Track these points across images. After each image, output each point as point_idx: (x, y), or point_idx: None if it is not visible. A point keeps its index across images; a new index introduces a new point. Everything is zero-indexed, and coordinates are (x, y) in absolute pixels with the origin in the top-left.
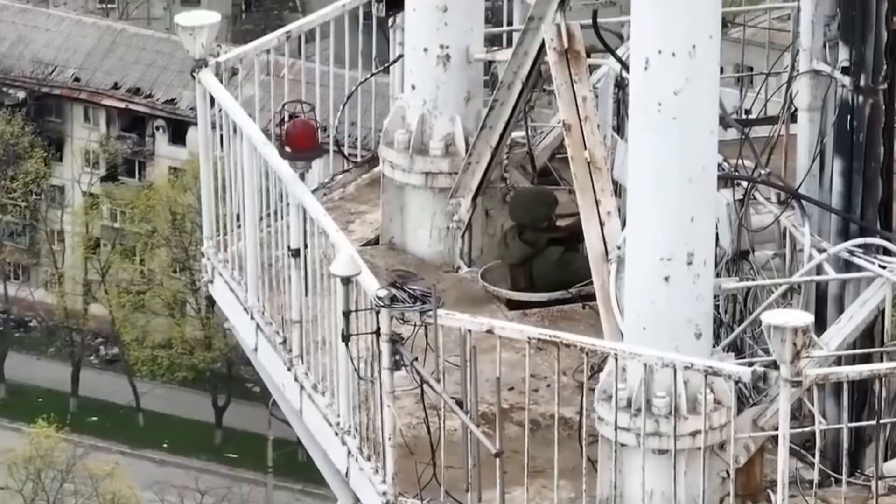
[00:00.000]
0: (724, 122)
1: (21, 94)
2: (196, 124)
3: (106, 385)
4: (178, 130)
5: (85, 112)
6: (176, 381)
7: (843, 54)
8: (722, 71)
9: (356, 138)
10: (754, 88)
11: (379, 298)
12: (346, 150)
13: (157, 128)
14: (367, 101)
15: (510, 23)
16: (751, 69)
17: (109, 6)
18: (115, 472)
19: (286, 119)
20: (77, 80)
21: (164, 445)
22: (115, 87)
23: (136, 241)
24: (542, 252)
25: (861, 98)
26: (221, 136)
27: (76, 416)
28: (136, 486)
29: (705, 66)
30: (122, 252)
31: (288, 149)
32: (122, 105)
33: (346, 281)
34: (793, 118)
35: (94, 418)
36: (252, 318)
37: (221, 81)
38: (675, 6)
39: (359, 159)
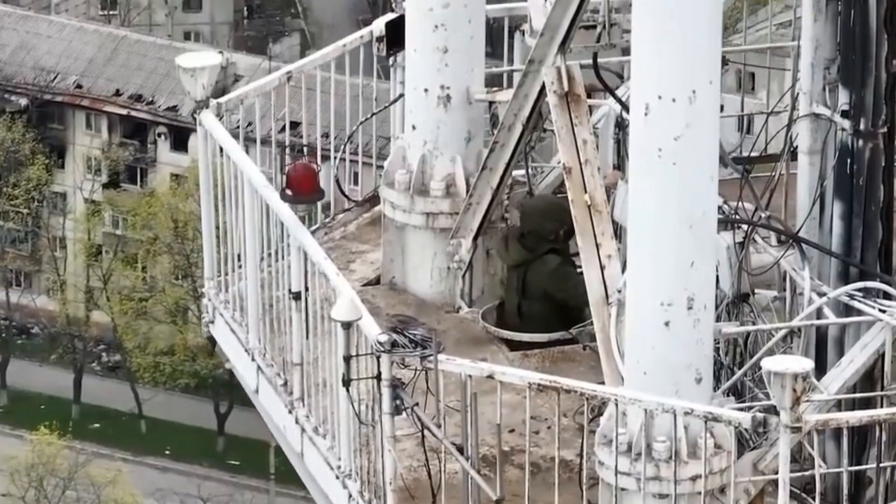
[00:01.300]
0: (724, 162)
1: (23, 101)
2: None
3: (108, 392)
4: (180, 137)
5: (87, 119)
6: (178, 387)
7: (843, 97)
8: (722, 108)
9: (357, 145)
10: (756, 96)
11: (380, 343)
12: (348, 159)
13: (159, 135)
14: (367, 108)
15: (510, 62)
16: (752, 75)
17: (111, 13)
18: (118, 480)
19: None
20: (79, 86)
21: (167, 452)
22: (117, 93)
23: (137, 248)
24: (540, 258)
25: (861, 142)
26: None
27: (78, 422)
28: (139, 493)
29: (705, 112)
30: (124, 259)
31: (289, 192)
32: (124, 112)
33: (347, 326)
34: (793, 156)
35: (97, 425)
36: (253, 359)
37: (222, 122)
38: (675, 52)
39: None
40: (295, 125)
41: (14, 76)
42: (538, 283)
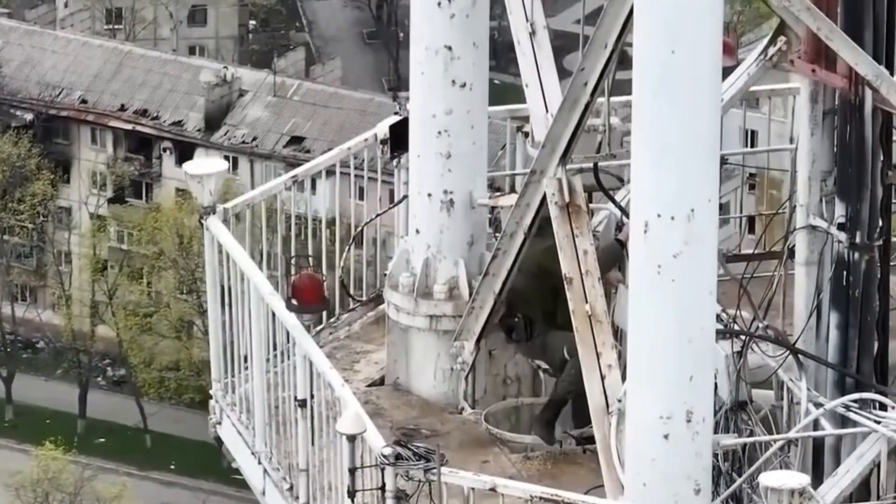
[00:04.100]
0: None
1: (28, 116)
2: (203, 146)
3: (113, 407)
4: (185, 152)
5: (92, 134)
6: (183, 402)
7: (840, 210)
8: (723, 210)
9: (363, 160)
10: (760, 110)
11: (384, 456)
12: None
13: (164, 149)
14: (372, 122)
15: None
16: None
17: (116, 28)
18: (123, 494)
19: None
20: (84, 101)
21: (172, 467)
22: (122, 108)
23: (143, 263)
24: (538, 235)
25: (857, 254)
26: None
27: (84, 437)
28: None
29: (704, 229)
30: (129, 274)
31: (294, 301)
32: (129, 127)
33: (352, 438)
34: (790, 254)
35: (102, 440)
36: (259, 462)
37: (229, 227)
38: (674, 171)
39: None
40: (299, 140)
41: (19, 91)
42: (532, 254)
